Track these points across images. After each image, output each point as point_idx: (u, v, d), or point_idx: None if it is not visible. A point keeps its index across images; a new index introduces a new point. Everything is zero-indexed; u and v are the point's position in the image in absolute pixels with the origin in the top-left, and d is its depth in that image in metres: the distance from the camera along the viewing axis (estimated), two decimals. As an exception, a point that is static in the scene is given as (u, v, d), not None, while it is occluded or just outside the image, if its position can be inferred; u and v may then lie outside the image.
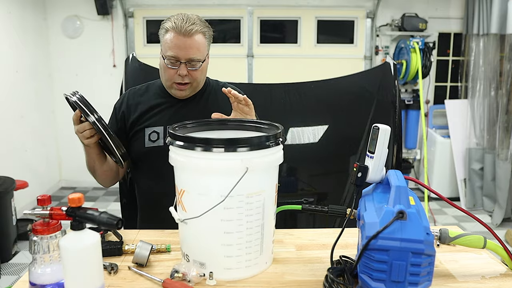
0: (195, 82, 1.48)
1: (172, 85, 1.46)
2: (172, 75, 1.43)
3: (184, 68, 1.41)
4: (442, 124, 4.73)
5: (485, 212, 4.24)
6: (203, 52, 1.44)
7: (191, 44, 1.40)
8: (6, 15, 3.92)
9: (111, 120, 1.56)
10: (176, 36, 1.39)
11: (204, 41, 1.44)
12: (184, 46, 1.39)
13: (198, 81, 1.49)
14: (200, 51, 1.42)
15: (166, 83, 1.48)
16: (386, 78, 1.94)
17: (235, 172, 0.95)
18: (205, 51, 1.45)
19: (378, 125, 1.03)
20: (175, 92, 1.49)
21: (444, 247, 1.18)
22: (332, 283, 0.93)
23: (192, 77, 1.45)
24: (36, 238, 0.90)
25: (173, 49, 1.39)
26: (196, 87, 1.52)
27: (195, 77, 1.45)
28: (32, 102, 4.34)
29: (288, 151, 1.54)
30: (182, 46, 1.39)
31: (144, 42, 4.70)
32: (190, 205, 1.02)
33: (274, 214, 1.11)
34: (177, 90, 1.47)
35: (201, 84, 1.53)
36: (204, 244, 1.03)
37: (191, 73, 1.43)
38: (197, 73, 1.45)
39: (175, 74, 1.42)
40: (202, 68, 1.46)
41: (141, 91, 1.57)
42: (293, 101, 1.99)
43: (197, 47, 1.41)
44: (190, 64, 1.42)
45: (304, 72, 4.62)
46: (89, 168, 1.49)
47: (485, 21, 4.24)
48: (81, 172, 5.01)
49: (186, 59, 1.40)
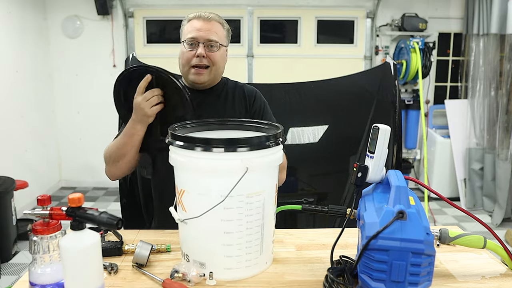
0: (214, 67, 1.48)
1: (190, 69, 1.46)
2: (190, 58, 1.45)
3: (202, 48, 1.44)
4: (442, 124, 4.73)
5: (485, 212, 4.24)
6: (222, 37, 1.49)
7: (209, 27, 1.46)
8: (6, 15, 3.92)
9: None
10: (196, 21, 1.47)
11: (222, 30, 1.50)
12: (203, 28, 1.45)
13: (217, 67, 1.49)
14: (218, 35, 1.47)
15: (184, 69, 1.48)
16: (386, 78, 1.94)
17: (235, 172, 0.95)
18: (223, 39, 1.50)
19: (378, 125, 1.03)
20: (193, 78, 1.47)
21: (444, 247, 1.18)
22: (332, 283, 0.93)
23: (211, 59, 1.46)
24: (36, 238, 0.89)
25: (192, 31, 1.45)
26: (215, 76, 1.51)
27: (214, 61, 1.46)
28: (32, 102, 4.34)
29: (288, 151, 1.54)
30: (201, 28, 1.45)
31: (144, 42, 4.70)
32: (190, 205, 1.02)
33: (274, 214, 1.11)
34: (195, 74, 1.46)
35: (219, 73, 1.53)
36: (204, 244, 1.03)
37: (210, 55, 1.45)
38: (216, 56, 1.47)
39: (193, 56, 1.44)
40: (221, 54, 1.49)
41: None
42: (293, 101, 1.99)
43: (215, 30, 1.47)
44: (208, 47, 1.45)
45: (304, 72, 4.62)
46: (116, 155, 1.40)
47: (485, 21, 4.24)
48: (81, 172, 5.04)
49: (205, 39, 1.44)
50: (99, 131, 4.72)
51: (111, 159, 1.43)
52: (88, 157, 4.77)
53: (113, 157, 1.42)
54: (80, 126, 4.76)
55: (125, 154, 1.40)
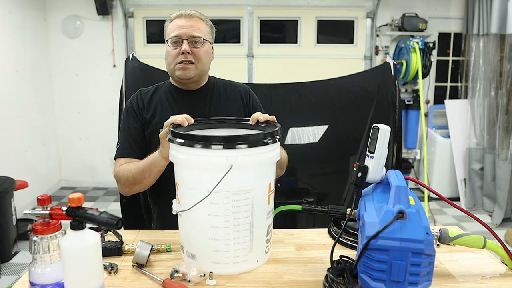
0: (199, 63, 1.48)
1: (176, 66, 1.47)
2: (175, 55, 1.46)
3: (187, 44, 1.45)
4: (442, 124, 4.73)
5: (485, 212, 4.24)
6: (205, 33, 1.49)
7: (192, 23, 1.47)
8: (6, 15, 3.92)
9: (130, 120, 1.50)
10: (178, 20, 1.48)
11: (206, 27, 1.51)
12: (185, 25, 1.46)
13: (203, 63, 1.49)
14: (201, 31, 1.48)
15: (170, 67, 1.49)
16: (386, 78, 1.94)
17: (220, 169, 0.97)
18: (207, 34, 1.50)
19: (378, 125, 1.03)
20: (179, 74, 1.47)
21: (444, 247, 1.19)
22: (332, 283, 0.93)
23: (196, 55, 1.46)
24: (36, 238, 0.90)
25: (175, 30, 1.46)
26: (201, 72, 1.51)
27: (199, 56, 1.47)
28: (32, 102, 4.34)
29: (288, 151, 1.54)
30: (183, 26, 1.46)
31: (144, 42, 4.70)
32: (183, 198, 1.06)
33: (270, 213, 1.10)
34: (181, 70, 1.46)
35: (206, 69, 1.53)
36: (194, 236, 1.07)
37: (194, 51, 1.46)
38: (200, 52, 1.47)
39: (178, 54, 1.45)
40: (205, 50, 1.49)
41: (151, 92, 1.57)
42: (293, 101, 1.99)
43: (198, 27, 1.48)
44: (192, 43, 1.46)
45: (304, 72, 4.62)
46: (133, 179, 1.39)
47: (485, 21, 4.24)
48: (81, 172, 5.04)
49: (188, 36, 1.45)
50: (99, 131, 4.72)
51: (126, 182, 1.41)
52: (88, 157, 4.77)
53: (129, 181, 1.40)
54: (80, 126, 4.76)
55: (142, 180, 1.38)
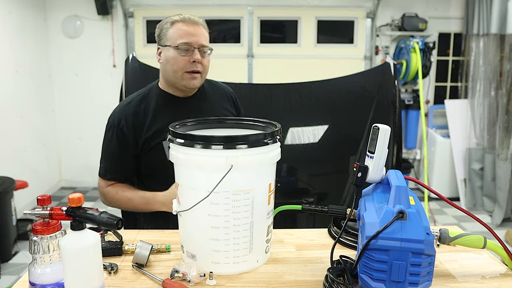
0: (204, 73, 1.49)
1: (184, 75, 1.44)
2: (185, 63, 1.42)
3: (198, 53, 1.43)
4: (442, 124, 4.73)
5: (485, 212, 4.24)
6: (208, 41, 1.49)
7: (200, 32, 1.45)
8: (6, 15, 3.92)
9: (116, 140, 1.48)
10: (186, 25, 1.43)
11: (207, 35, 1.50)
12: (195, 33, 1.43)
13: (206, 72, 1.50)
14: (207, 40, 1.47)
15: (177, 74, 1.44)
16: (386, 78, 1.94)
17: (220, 169, 0.97)
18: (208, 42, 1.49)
19: (378, 125, 1.03)
20: (187, 83, 1.45)
21: (444, 247, 1.18)
22: (332, 283, 0.93)
23: (203, 65, 1.46)
24: (36, 238, 0.90)
25: (185, 36, 1.42)
26: (203, 81, 1.52)
27: (205, 66, 1.47)
28: (32, 102, 4.34)
29: (288, 151, 1.54)
30: (193, 33, 1.43)
31: (144, 42, 4.70)
32: (183, 198, 1.06)
33: (270, 213, 1.10)
34: (189, 79, 1.44)
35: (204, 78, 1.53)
36: (195, 236, 1.06)
37: (202, 61, 1.45)
38: (206, 62, 1.47)
39: (188, 62, 1.42)
40: (209, 60, 1.49)
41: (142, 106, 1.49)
42: (293, 101, 1.99)
43: (205, 36, 1.47)
44: (201, 52, 1.45)
45: (304, 72, 4.62)
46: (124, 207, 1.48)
47: (485, 21, 4.24)
48: (81, 172, 5.04)
49: (199, 44, 1.43)
50: (99, 131, 4.69)
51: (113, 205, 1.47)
52: (88, 157, 4.76)
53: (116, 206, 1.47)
54: (80, 126, 4.76)
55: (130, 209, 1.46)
